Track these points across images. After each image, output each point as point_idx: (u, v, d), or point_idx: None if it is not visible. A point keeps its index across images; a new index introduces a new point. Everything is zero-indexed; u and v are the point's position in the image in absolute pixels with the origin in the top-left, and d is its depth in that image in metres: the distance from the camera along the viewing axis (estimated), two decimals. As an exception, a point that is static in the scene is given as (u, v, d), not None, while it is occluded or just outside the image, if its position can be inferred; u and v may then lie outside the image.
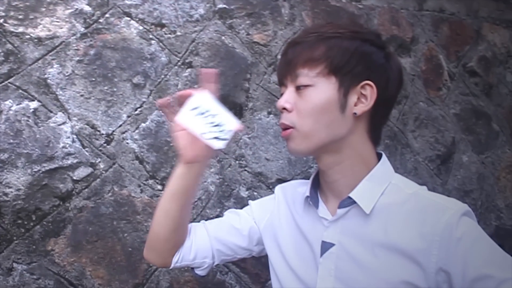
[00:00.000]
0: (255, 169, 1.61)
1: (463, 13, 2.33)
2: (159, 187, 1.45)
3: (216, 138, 0.80)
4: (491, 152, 2.31)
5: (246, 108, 1.63)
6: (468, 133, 2.23)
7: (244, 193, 1.59)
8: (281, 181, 1.61)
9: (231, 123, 0.81)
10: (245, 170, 1.60)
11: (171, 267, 1.00)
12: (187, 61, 1.55)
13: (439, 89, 2.17)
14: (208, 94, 0.83)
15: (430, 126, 2.08)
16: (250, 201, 1.10)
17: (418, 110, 2.06)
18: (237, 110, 1.61)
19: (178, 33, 1.55)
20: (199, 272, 1.04)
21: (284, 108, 0.86)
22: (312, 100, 0.83)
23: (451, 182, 2.13)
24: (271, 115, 1.66)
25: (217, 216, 1.47)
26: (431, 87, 2.14)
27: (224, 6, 1.63)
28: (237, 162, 1.59)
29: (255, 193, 1.60)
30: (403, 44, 2.06)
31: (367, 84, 0.83)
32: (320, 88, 0.83)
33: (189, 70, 1.54)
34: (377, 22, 1.99)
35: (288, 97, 0.86)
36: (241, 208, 1.10)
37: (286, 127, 0.86)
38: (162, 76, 1.50)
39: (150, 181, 1.44)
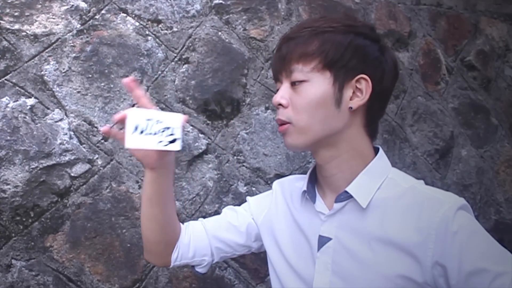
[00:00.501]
0: (253, 165, 1.61)
1: (461, 7, 2.32)
2: (157, 183, 1.45)
3: (171, 141, 0.80)
4: (490, 146, 2.31)
5: (244, 103, 1.63)
6: (467, 127, 2.23)
7: (242, 189, 1.59)
8: (279, 176, 1.60)
9: (175, 120, 0.80)
10: (243, 165, 1.60)
11: (171, 266, 1.01)
12: (184, 57, 1.54)
13: (437, 84, 2.17)
14: (136, 109, 0.81)
15: (429, 121, 2.08)
16: (247, 197, 1.10)
17: (417, 104, 2.06)
18: (235, 105, 1.60)
19: (175, 29, 1.54)
20: (199, 269, 1.04)
21: (280, 104, 0.86)
22: (308, 96, 0.83)
23: (450, 176, 2.13)
24: (269, 111, 1.66)
25: (216, 212, 1.48)
26: (429, 81, 2.14)
27: (221, 1, 1.63)
28: (235, 157, 1.59)
29: (253, 189, 1.60)
30: (401, 38, 2.05)
31: (362, 78, 0.83)
32: (315, 83, 0.83)
33: (186, 66, 1.54)
34: (375, 16, 1.98)
35: (283, 93, 0.86)
36: (240, 203, 1.10)
37: (282, 123, 0.86)
38: (159, 72, 1.49)
39: (148, 177, 1.44)
